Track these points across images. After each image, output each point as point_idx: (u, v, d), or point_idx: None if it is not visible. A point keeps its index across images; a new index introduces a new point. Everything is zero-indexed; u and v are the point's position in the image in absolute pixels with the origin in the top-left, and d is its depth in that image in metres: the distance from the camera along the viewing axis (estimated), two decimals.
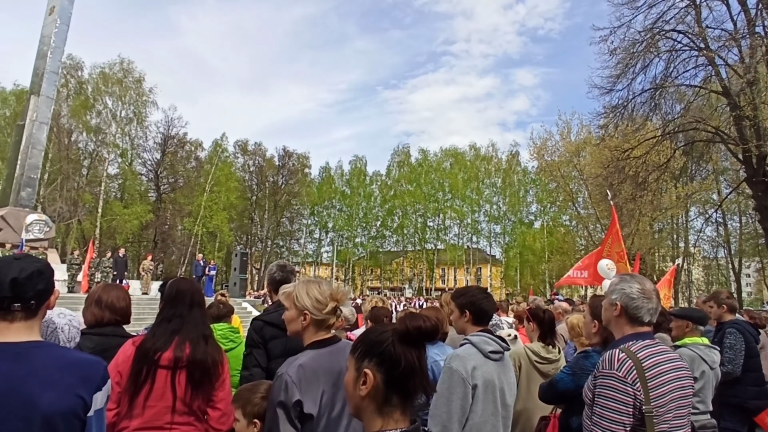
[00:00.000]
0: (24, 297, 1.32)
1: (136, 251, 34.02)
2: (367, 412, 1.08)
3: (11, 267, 1.32)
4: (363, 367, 1.08)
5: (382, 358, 1.06)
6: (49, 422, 1.28)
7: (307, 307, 1.78)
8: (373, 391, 1.06)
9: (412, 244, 46.45)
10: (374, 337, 1.10)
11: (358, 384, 1.08)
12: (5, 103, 31.82)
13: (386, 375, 1.05)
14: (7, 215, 15.02)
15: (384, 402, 1.06)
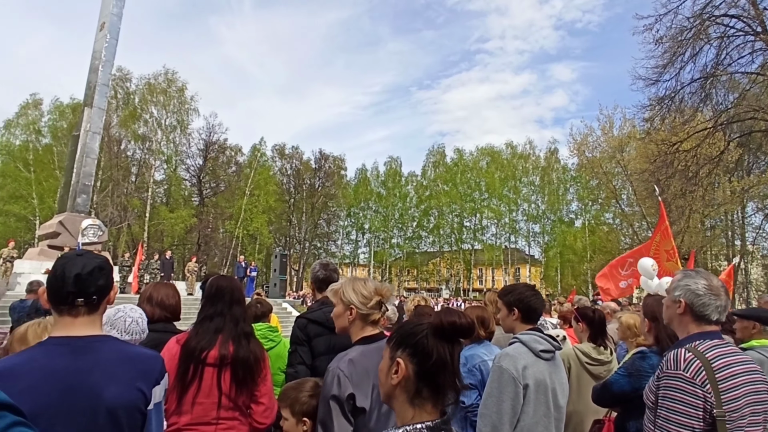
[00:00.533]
0: (87, 292, 1.37)
1: (181, 254, 35.36)
2: (399, 402, 1.10)
3: (74, 263, 1.37)
4: (396, 357, 1.10)
5: (414, 350, 1.08)
6: (113, 414, 1.32)
7: (353, 301, 1.84)
8: (404, 382, 1.08)
9: (448, 245, 46.01)
10: (409, 329, 1.12)
11: (390, 372, 1.10)
12: (62, 116, 33.82)
13: (418, 366, 1.07)
14: (65, 220, 15.95)
15: (415, 393, 1.08)
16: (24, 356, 1.35)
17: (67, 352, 1.33)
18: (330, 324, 2.71)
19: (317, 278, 2.84)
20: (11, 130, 33.49)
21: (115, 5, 17.98)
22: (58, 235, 15.68)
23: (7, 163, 32.50)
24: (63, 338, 1.35)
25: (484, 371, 2.65)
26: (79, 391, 1.30)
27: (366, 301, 1.83)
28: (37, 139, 33.28)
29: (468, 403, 2.60)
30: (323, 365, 2.60)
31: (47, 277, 1.40)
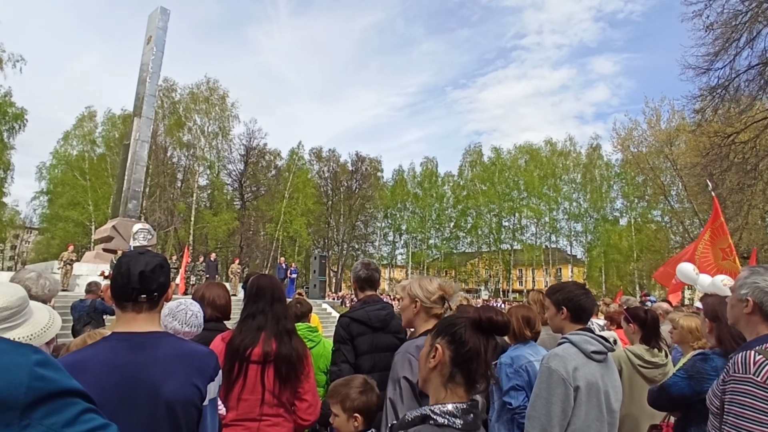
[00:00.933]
0: (149, 289, 1.42)
1: (225, 256, 36.53)
2: (434, 385, 1.20)
3: (138, 261, 1.43)
4: (435, 343, 1.21)
5: (452, 338, 1.19)
6: (171, 409, 1.36)
7: (418, 295, 2.03)
8: (440, 366, 1.18)
9: (486, 245, 45.29)
10: (450, 320, 1.24)
11: (428, 357, 1.21)
12: (114, 126, 35.71)
13: (453, 353, 1.18)
14: (118, 225, 16.83)
15: (449, 377, 1.18)
16: (90, 351, 1.42)
17: (129, 347, 1.38)
18: (372, 323, 2.73)
19: (359, 277, 2.86)
20: (69, 141, 35.65)
21: (160, 19, 18.83)
22: (112, 239, 16.56)
23: (66, 172, 34.59)
24: (125, 334, 1.41)
25: (531, 372, 2.59)
26: (140, 384, 1.34)
27: (429, 296, 2.01)
28: (92, 149, 35.28)
29: (515, 405, 2.55)
30: (366, 364, 2.62)
31: (112, 275, 1.46)
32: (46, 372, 0.56)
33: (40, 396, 0.54)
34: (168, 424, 1.36)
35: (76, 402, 0.59)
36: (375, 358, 2.67)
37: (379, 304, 2.80)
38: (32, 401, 0.53)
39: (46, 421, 0.54)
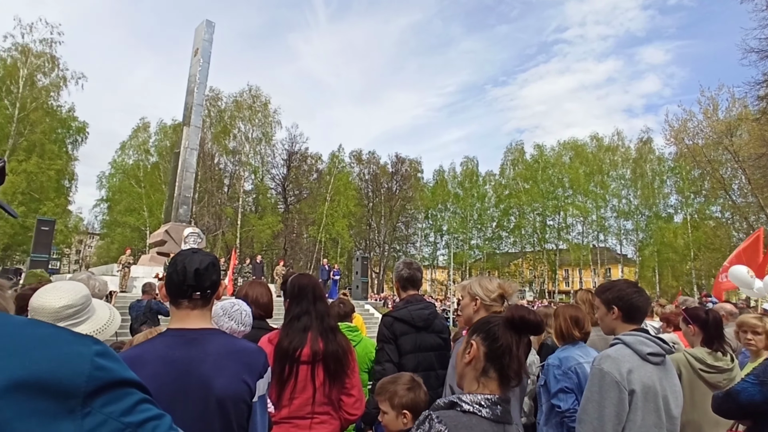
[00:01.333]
0: (203, 286, 1.47)
1: (270, 258, 37.53)
2: (468, 378, 1.27)
3: (193, 259, 1.48)
4: (471, 340, 1.28)
5: (487, 334, 1.27)
6: (222, 404, 1.40)
7: (478, 294, 2.13)
8: (474, 361, 1.25)
9: (530, 245, 44.14)
10: (486, 319, 1.32)
11: (464, 353, 1.28)
12: (166, 136, 37.56)
13: (487, 349, 1.25)
14: (170, 230, 17.65)
15: (482, 372, 1.24)
16: (147, 346, 1.48)
17: (183, 342, 1.43)
18: (415, 322, 2.72)
19: (402, 276, 2.86)
20: (126, 152, 37.81)
21: (206, 32, 19.62)
22: (165, 243, 17.38)
23: (123, 180, 36.69)
24: (179, 330, 1.46)
25: (581, 374, 2.49)
26: (193, 379, 1.38)
27: (489, 294, 2.11)
28: (146, 158, 37.24)
29: (564, 408, 2.46)
30: (410, 363, 2.61)
31: (167, 273, 1.52)
32: (105, 362, 0.58)
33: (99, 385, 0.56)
34: (219, 418, 1.40)
35: (134, 392, 0.61)
36: (419, 358, 2.65)
37: (422, 303, 2.79)
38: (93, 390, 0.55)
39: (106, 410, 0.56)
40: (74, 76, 30.50)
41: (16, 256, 31.91)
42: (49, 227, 14.64)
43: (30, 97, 28.25)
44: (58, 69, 29.82)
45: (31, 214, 25.22)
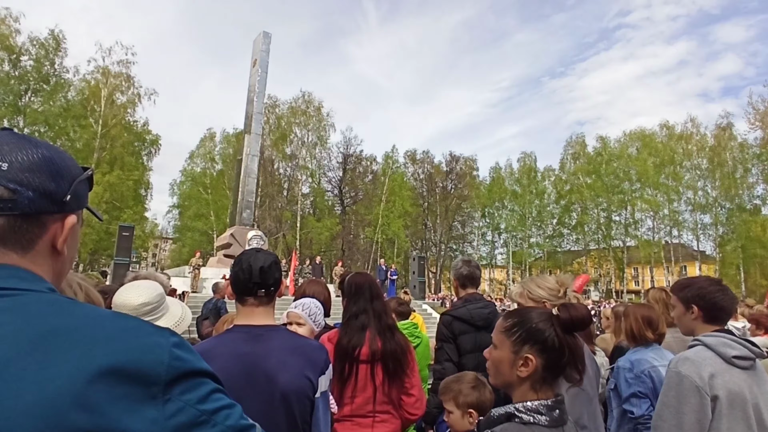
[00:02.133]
0: (267, 284, 1.53)
1: (328, 259, 38.44)
2: (522, 389, 1.19)
3: (257, 258, 1.55)
4: (523, 352, 1.18)
5: (544, 346, 1.17)
6: (286, 399, 1.44)
7: (544, 296, 1.98)
8: (532, 374, 1.17)
9: (595, 242, 41.97)
10: (534, 325, 1.20)
11: (516, 366, 1.19)
12: (229, 144, 39.58)
13: (547, 361, 1.17)
14: (235, 233, 18.57)
15: (540, 381, 1.18)
16: (215, 341, 1.57)
17: (249, 338, 1.49)
18: (475, 321, 2.67)
19: (461, 275, 2.82)
20: (194, 160, 40.30)
21: (263, 43, 20.45)
22: (230, 246, 18.31)
23: (192, 187, 39.11)
24: (245, 326, 1.53)
25: (656, 378, 2.33)
26: (259, 374, 1.44)
27: (555, 293, 1.98)
28: (212, 166, 39.45)
29: (638, 414, 2.32)
30: (470, 363, 2.57)
31: (234, 271, 1.58)
32: (182, 353, 0.62)
33: (177, 374, 0.60)
34: (284, 413, 1.44)
35: (208, 382, 0.64)
36: (479, 358, 2.59)
37: (481, 302, 2.73)
38: (172, 378, 0.59)
39: (183, 398, 0.60)
40: (147, 93, 32.96)
41: (102, 260, 34.93)
42: (129, 233, 15.87)
43: (110, 114, 30.84)
44: (134, 87, 32.36)
45: (113, 221, 27.50)
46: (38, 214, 0.64)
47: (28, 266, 0.64)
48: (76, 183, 0.68)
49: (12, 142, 0.64)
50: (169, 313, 1.89)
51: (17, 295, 0.60)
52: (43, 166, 0.64)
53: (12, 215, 0.62)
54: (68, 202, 0.67)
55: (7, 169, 0.62)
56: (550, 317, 1.21)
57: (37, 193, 0.63)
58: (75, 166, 0.70)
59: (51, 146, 0.68)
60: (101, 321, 0.60)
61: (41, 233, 0.65)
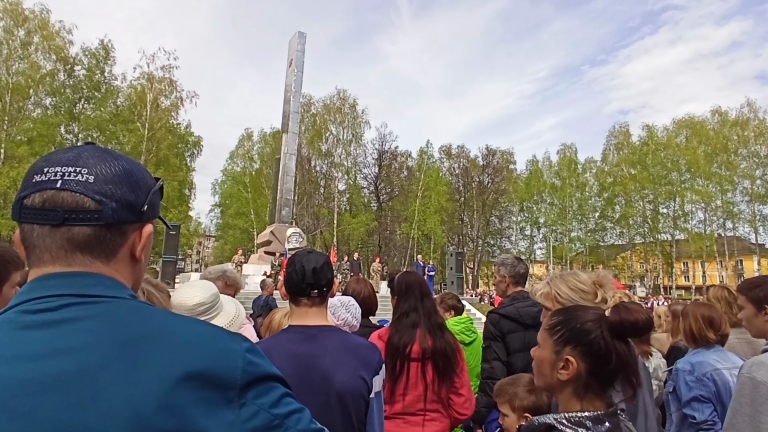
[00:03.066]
0: (320, 284, 1.55)
1: (365, 255, 38.74)
2: (565, 394, 1.11)
3: (309, 259, 1.57)
4: (564, 353, 1.09)
5: (588, 349, 1.07)
6: (342, 399, 1.45)
7: (574, 299, 1.73)
8: (574, 378, 1.08)
9: (640, 236, 40.33)
10: (579, 325, 1.11)
11: (556, 367, 1.10)
12: (267, 143, 40.53)
13: (592, 366, 1.07)
14: (275, 230, 19.00)
15: (584, 388, 1.08)
16: (272, 341, 1.60)
17: (304, 338, 1.51)
18: (523, 320, 2.61)
19: (518, 273, 2.79)
20: (234, 160, 41.51)
21: (298, 43, 20.75)
22: (270, 243, 18.75)
23: (232, 186, 40.31)
24: (300, 326, 1.55)
25: (720, 382, 2.21)
26: (315, 374, 1.45)
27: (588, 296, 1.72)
28: (251, 165, 40.51)
29: (700, 419, 2.20)
30: (519, 362, 2.52)
31: (287, 272, 1.61)
32: (254, 358, 0.65)
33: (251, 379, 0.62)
34: (340, 412, 1.45)
35: (278, 386, 0.67)
36: (528, 357, 2.55)
37: (529, 300, 2.68)
38: (246, 383, 0.62)
39: (257, 401, 0.62)
40: (189, 96, 34.15)
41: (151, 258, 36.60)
42: (176, 231, 16.57)
43: (155, 118, 32.16)
44: (176, 91, 33.59)
45: None
46: (120, 224, 0.66)
47: (111, 274, 0.67)
48: (151, 194, 0.71)
49: (96, 156, 0.67)
50: (223, 311, 1.95)
51: (104, 302, 0.63)
52: (124, 178, 0.67)
53: (98, 225, 0.64)
54: (145, 212, 0.69)
55: (94, 182, 0.64)
56: (599, 318, 1.11)
57: (119, 204, 0.65)
58: (150, 177, 0.73)
59: (129, 159, 0.71)
60: (179, 327, 0.63)
61: (122, 242, 0.68)
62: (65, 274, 0.64)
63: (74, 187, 0.63)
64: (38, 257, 0.64)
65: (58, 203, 0.62)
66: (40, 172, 0.64)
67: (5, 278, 1.33)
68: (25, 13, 27.80)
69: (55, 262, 0.64)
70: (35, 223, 0.63)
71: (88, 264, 0.65)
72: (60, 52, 29.14)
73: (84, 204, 0.63)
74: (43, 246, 0.64)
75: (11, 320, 0.60)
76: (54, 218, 0.62)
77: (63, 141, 29.66)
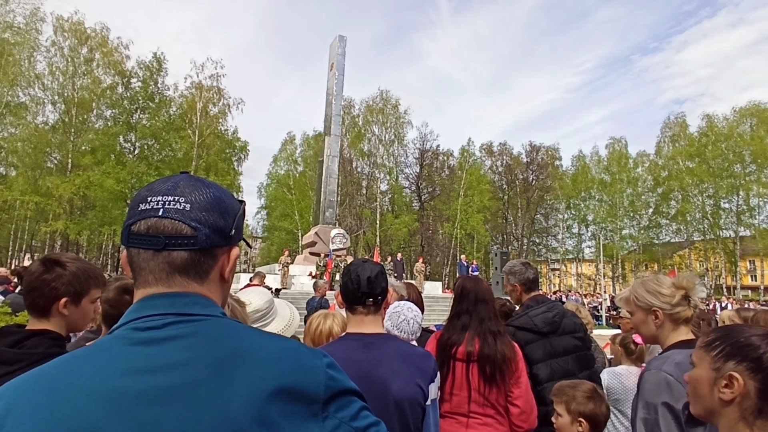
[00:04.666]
0: (374, 293, 1.59)
1: (408, 255, 38.76)
2: (729, 418, 0.98)
3: (364, 268, 1.61)
4: (727, 369, 0.98)
5: (758, 365, 0.95)
6: (399, 406, 1.48)
7: (654, 304, 1.66)
8: (740, 398, 0.96)
9: (700, 232, 37.95)
10: (745, 339, 1.00)
11: (717, 386, 0.99)
12: (309, 146, 41.37)
13: (763, 385, 0.95)
14: (319, 231, 19.39)
15: (756, 413, 0.95)
16: (331, 348, 1.63)
17: (361, 346, 1.56)
18: (539, 328, 2.52)
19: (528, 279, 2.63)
20: (278, 163, 42.64)
21: (339, 46, 21.06)
22: (315, 244, 19.14)
23: (277, 189, 41.42)
24: (357, 334, 1.60)
25: None
26: (373, 381, 1.48)
27: (669, 300, 1.64)
28: (295, 168, 41.46)
29: None
30: (543, 372, 2.45)
31: (344, 281, 1.66)
32: (335, 373, 0.69)
33: (333, 393, 0.66)
34: (397, 419, 1.48)
35: (356, 400, 0.70)
36: (552, 365, 2.48)
37: (543, 305, 2.58)
38: (328, 397, 0.66)
39: (338, 415, 0.66)
40: (235, 103, 35.43)
41: None
42: None
43: (205, 125, 33.60)
44: (223, 98, 34.93)
45: None
46: (212, 248, 0.72)
47: (205, 293, 0.73)
48: (237, 218, 0.76)
49: (191, 185, 0.73)
50: (278, 316, 2.04)
51: (201, 320, 0.68)
52: (214, 205, 0.72)
53: (193, 249, 0.70)
54: (233, 236, 0.75)
55: (190, 209, 0.70)
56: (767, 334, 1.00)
57: (211, 229, 0.71)
58: (235, 202, 0.78)
59: (218, 186, 0.77)
60: (266, 343, 0.69)
61: (214, 264, 0.73)
62: (167, 295, 0.70)
63: (173, 215, 0.69)
64: (144, 278, 0.70)
65: (160, 230, 0.68)
66: (144, 201, 0.70)
67: (86, 292, 1.43)
68: (88, 32, 29.80)
69: (158, 283, 0.70)
70: (140, 248, 0.70)
71: (185, 285, 0.71)
72: (118, 66, 31.01)
73: (182, 230, 0.69)
74: (148, 268, 0.70)
75: (124, 336, 0.66)
76: (156, 244, 0.68)
77: (122, 150, 31.58)
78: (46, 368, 0.64)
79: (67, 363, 0.64)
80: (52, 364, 0.65)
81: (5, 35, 26.68)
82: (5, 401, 0.60)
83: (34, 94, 28.84)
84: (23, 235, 31.42)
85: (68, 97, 29.17)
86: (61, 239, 29.60)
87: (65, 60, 29.11)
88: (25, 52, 27.58)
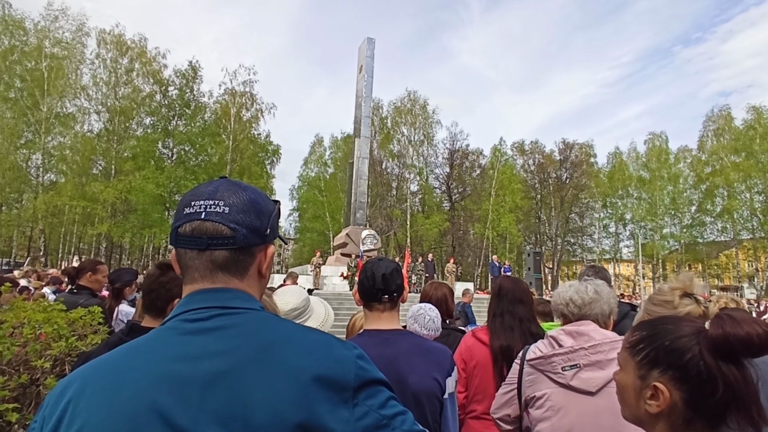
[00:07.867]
0: (389, 290, 1.64)
1: (439, 255, 38.55)
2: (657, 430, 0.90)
3: (379, 266, 1.67)
4: (652, 379, 0.89)
5: (683, 373, 0.85)
6: (417, 399, 1.53)
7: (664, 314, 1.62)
8: (668, 410, 0.87)
9: (747, 231, 36.02)
10: (669, 342, 0.89)
11: (642, 397, 0.90)
12: (339, 148, 41.81)
13: (690, 395, 0.85)
14: (350, 233, 19.58)
15: (684, 424, 0.86)
16: None
17: (378, 342, 1.61)
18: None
19: None
20: (308, 166, 43.28)
21: (367, 49, 21.22)
22: (346, 245, 19.34)
23: (308, 191, 42.04)
24: (374, 331, 1.65)
25: None
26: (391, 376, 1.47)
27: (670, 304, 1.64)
28: (325, 170, 41.99)
29: None
30: None
31: (360, 278, 1.72)
32: (364, 363, 0.74)
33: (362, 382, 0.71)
34: (416, 412, 1.49)
35: (385, 390, 0.76)
36: None
37: None
38: (358, 385, 0.71)
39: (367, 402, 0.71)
40: (267, 108, 36.24)
41: None
42: None
43: (239, 130, 34.55)
44: (256, 103, 35.81)
45: None
46: (250, 247, 0.79)
47: (245, 288, 0.80)
48: (272, 218, 0.84)
49: (229, 189, 0.80)
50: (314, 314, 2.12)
51: (242, 313, 0.75)
52: (251, 207, 0.79)
53: (233, 249, 0.77)
54: (268, 235, 0.83)
55: (229, 212, 0.77)
56: (697, 333, 0.87)
57: (248, 230, 0.78)
58: (270, 203, 0.86)
59: (254, 189, 0.85)
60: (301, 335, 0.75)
61: (252, 261, 0.81)
62: (212, 290, 0.77)
63: (214, 218, 0.76)
64: (191, 276, 0.78)
65: (203, 232, 0.76)
66: (189, 205, 0.78)
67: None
68: (128, 43, 31.19)
69: (203, 279, 0.78)
70: (187, 248, 0.78)
71: (227, 281, 0.78)
72: (156, 75, 32.28)
73: (222, 232, 0.76)
74: (194, 266, 0.78)
75: (175, 327, 0.74)
76: (200, 244, 0.76)
77: (160, 155, 32.84)
78: (111, 355, 0.74)
79: (129, 351, 0.73)
80: (115, 352, 0.74)
81: (55, 50, 28.27)
82: (79, 383, 0.70)
83: (80, 105, 30.41)
84: (72, 238, 33.14)
85: (111, 107, 30.58)
86: (106, 242, 31.07)
87: (108, 71, 30.53)
88: (72, 65, 29.13)
